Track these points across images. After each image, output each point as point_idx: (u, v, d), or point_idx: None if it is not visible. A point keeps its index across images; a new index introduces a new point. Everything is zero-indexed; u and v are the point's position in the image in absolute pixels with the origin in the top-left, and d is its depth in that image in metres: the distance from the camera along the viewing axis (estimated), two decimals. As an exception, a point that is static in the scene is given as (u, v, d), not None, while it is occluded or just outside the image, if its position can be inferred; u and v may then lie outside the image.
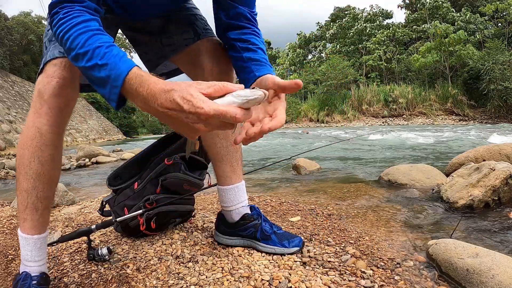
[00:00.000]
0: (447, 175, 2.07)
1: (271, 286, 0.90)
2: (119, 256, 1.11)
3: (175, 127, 0.58)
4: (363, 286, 0.89)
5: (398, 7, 36.74)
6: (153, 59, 1.15)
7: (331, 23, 36.89)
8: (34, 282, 0.87)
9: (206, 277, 0.96)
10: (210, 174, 1.29)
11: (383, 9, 34.84)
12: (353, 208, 1.66)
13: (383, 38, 29.95)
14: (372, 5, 44.01)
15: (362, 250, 1.11)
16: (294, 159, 3.08)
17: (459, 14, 27.69)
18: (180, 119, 0.55)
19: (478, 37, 25.71)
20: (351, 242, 1.19)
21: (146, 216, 1.14)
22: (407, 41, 31.08)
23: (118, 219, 1.15)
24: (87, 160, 5.14)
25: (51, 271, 1.06)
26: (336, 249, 1.12)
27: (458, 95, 21.89)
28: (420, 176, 2.14)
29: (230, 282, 0.93)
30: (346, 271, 0.97)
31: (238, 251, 1.12)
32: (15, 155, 1.64)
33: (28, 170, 0.86)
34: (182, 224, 1.37)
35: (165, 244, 1.18)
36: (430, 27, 26.69)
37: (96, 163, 5.16)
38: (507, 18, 24.93)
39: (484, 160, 2.09)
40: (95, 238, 1.28)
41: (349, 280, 0.92)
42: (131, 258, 1.10)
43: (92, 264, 1.08)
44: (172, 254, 1.11)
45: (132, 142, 16.74)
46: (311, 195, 1.98)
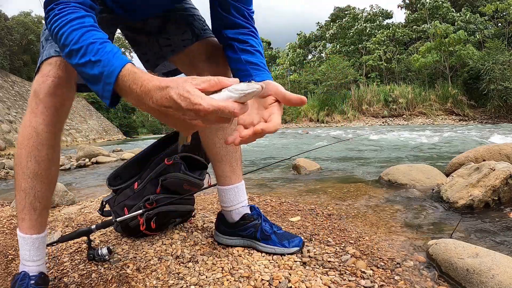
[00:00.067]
0: (447, 175, 2.07)
1: (271, 286, 0.90)
2: (119, 256, 1.11)
3: (170, 124, 0.58)
4: (363, 286, 0.89)
5: (398, 7, 36.79)
6: (152, 60, 1.15)
7: (331, 23, 36.84)
8: (32, 282, 0.87)
9: (206, 277, 0.96)
10: (210, 174, 1.29)
11: (383, 9, 34.82)
12: (353, 208, 1.66)
13: (383, 38, 29.91)
14: (372, 5, 44.03)
15: (362, 250, 1.11)
16: (294, 159, 3.08)
17: (459, 14, 27.66)
18: (176, 116, 0.55)
19: (478, 37, 25.68)
20: (351, 242, 1.19)
21: (146, 216, 1.14)
22: (407, 41, 31.05)
23: (118, 219, 1.15)
24: (87, 160, 5.14)
25: (51, 271, 1.06)
26: (336, 249, 1.12)
27: (458, 95, 21.87)
28: (420, 176, 2.14)
29: (230, 282, 0.93)
30: (346, 271, 0.97)
31: (238, 251, 1.12)
32: (15, 155, 1.63)
33: (25, 169, 0.86)
34: (182, 224, 1.37)
35: (165, 244, 1.18)
36: (430, 27, 26.67)
37: (96, 163, 5.17)
38: (507, 18, 24.91)
39: (484, 160, 2.09)
40: (95, 238, 1.28)
41: (349, 280, 0.92)
42: (131, 258, 1.10)
43: (92, 264, 1.08)
44: (172, 254, 1.11)
45: (132, 142, 16.76)
46: (311, 195, 1.98)
